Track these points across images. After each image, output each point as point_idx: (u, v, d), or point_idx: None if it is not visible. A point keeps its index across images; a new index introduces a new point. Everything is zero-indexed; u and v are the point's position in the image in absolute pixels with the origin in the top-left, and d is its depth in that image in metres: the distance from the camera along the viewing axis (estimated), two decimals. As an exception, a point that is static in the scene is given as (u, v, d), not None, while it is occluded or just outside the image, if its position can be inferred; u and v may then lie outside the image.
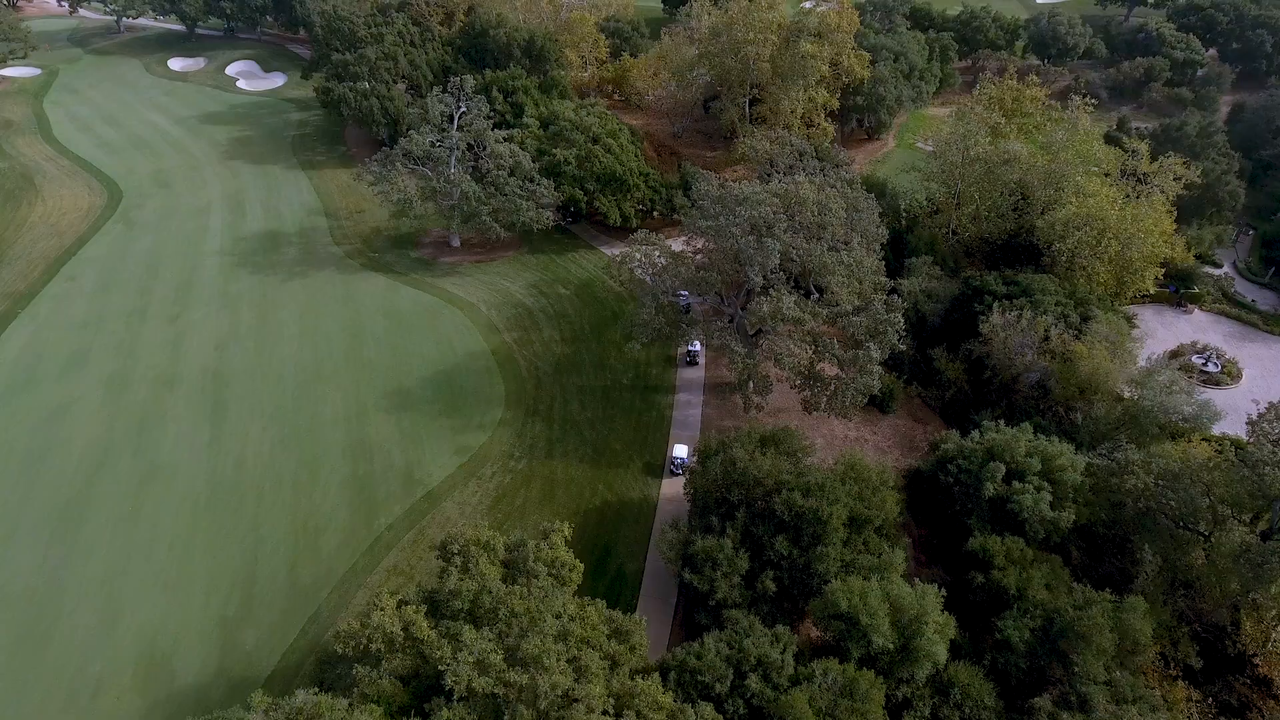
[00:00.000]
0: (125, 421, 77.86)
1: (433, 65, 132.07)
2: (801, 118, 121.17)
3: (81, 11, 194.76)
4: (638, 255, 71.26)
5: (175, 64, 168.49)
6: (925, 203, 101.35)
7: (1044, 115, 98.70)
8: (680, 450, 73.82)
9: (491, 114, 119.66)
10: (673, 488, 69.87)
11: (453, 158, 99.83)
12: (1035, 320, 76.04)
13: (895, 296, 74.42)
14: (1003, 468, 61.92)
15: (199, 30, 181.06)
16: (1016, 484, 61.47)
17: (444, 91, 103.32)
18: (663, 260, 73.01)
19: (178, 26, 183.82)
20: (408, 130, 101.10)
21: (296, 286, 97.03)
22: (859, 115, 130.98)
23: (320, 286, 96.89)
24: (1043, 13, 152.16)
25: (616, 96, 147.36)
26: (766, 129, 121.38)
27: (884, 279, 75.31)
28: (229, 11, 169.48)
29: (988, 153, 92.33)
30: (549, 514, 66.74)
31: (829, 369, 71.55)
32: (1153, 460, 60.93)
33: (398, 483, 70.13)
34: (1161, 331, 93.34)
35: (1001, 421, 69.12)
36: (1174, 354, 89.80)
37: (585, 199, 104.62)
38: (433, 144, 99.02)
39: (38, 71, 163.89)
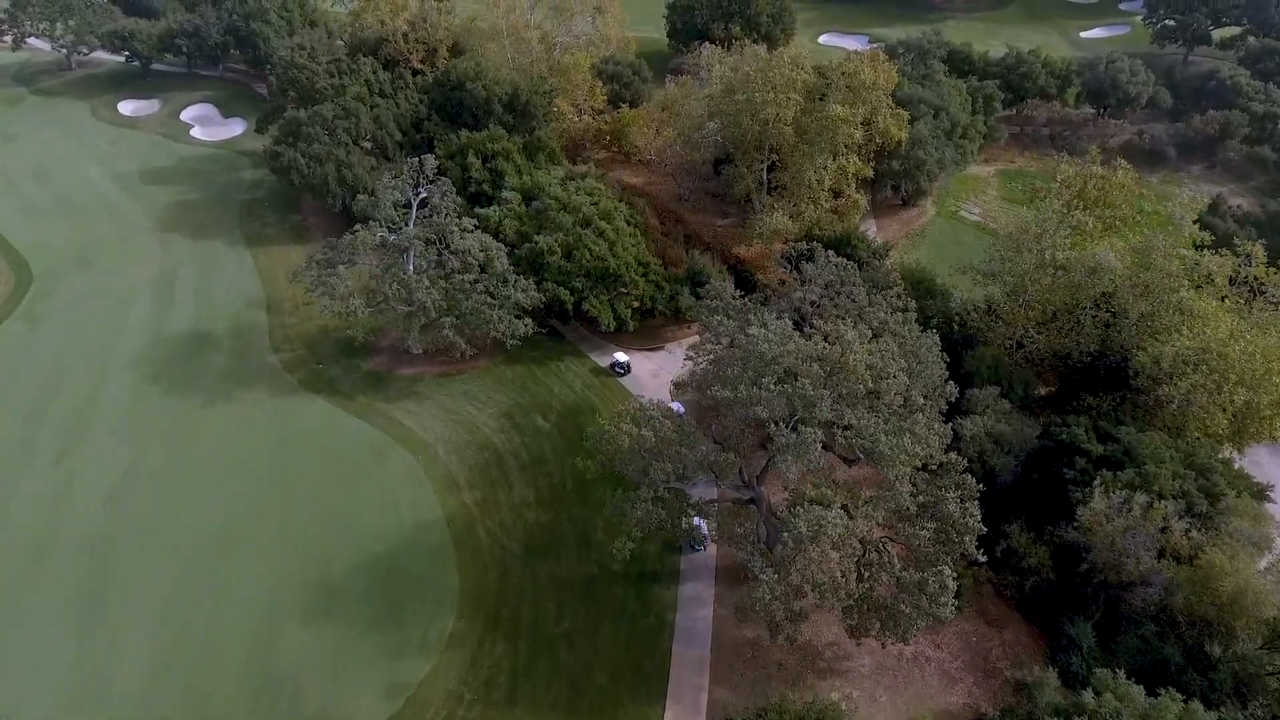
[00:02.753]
0: (-28, 623, 60.48)
1: (402, 121, 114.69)
2: (828, 188, 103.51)
3: (33, 42, 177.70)
4: (624, 440, 53.24)
5: (125, 107, 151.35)
6: (984, 307, 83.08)
7: (1133, 207, 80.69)
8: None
9: (466, 182, 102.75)
10: (675, 751, 52.03)
11: (409, 255, 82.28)
12: (1151, 509, 58.00)
13: (968, 477, 56.71)
14: (1142, 776, 44.12)
15: (156, 67, 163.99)
16: (1161, 799, 43.69)
17: (395, 177, 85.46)
18: (664, 430, 55.09)
19: (134, 62, 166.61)
20: (354, 227, 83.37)
21: (218, 413, 79.48)
22: (894, 181, 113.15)
23: (247, 413, 79.33)
24: (1100, 57, 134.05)
25: (615, 149, 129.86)
26: (787, 202, 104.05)
27: (957, 457, 57.20)
28: (186, 49, 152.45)
29: (1069, 258, 74.35)
30: (505, 806, 49.02)
31: (885, 584, 53.61)
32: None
33: (306, 745, 52.50)
34: (1282, 479, 75.19)
35: (1118, 674, 51.13)
36: (1305, 516, 71.71)
37: (572, 299, 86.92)
38: (384, 238, 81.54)
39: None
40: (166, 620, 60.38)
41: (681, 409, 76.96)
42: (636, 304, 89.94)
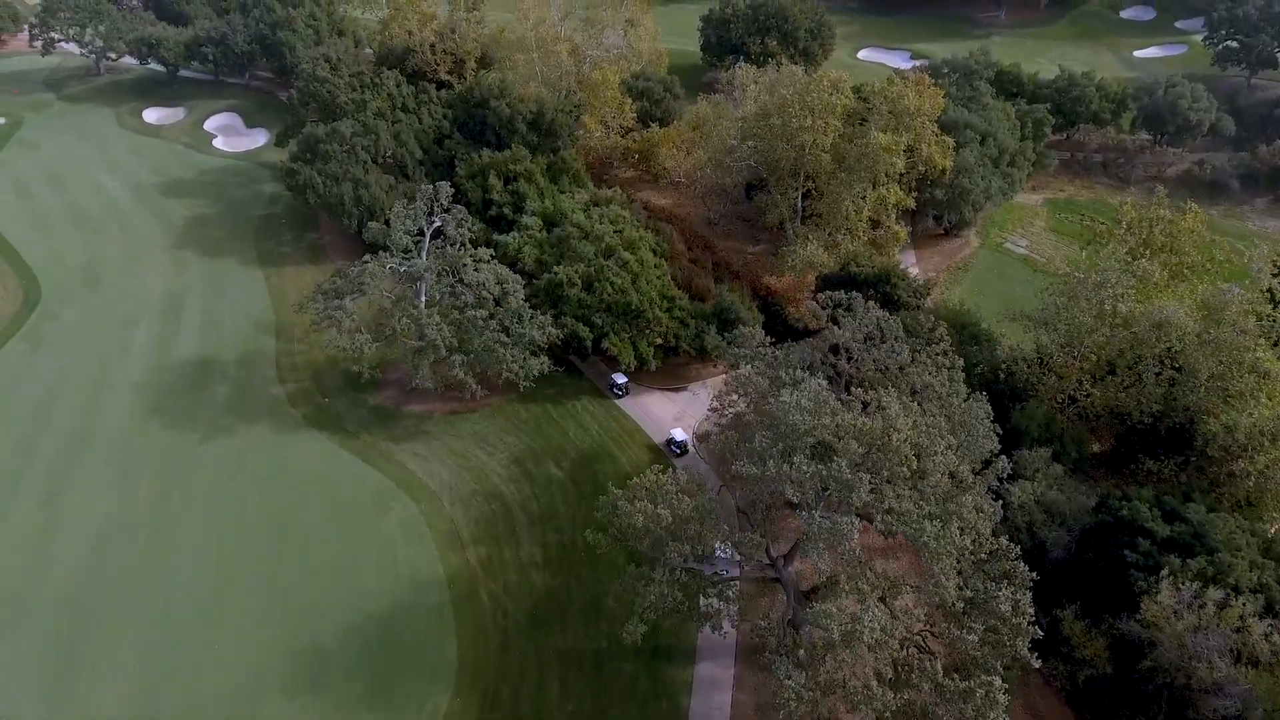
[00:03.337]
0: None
1: (423, 138, 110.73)
2: (866, 218, 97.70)
3: (65, 46, 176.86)
4: (639, 519, 48.15)
5: (150, 115, 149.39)
6: (1034, 357, 76.80)
7: (1204, 254, 74.07)
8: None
9: (486, 204, 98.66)
10: None
11: (421, 288, 78.06)
12: (1226, 608, 51.76)
13: (1021, 566, 51.00)
14: None
15: (184, 74, 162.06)
16: None
17: (408, 205, 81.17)
18: (682, 507, 49.94)
19: (161, 68, 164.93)
20: (365, 257, 79.31)
21: (217, 450, 75.73)
22: (937, 211, 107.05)
23: (246, 451, 75.48)
24: (1158, 81, 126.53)
25: (643, 168, 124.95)
26: (822, 232, 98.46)
27: (1008, 544, 51.42)
28: (212, 58, 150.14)
29: (1131, 312, 68.11)
30: None
31: (925, 691, 47.98)
32: None
33: (280, 842, 48.12)
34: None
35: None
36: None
37: (591, 336, 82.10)
38: (394, 269, 77.41)
39: (1, 121, 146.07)
40: (143, 685, 56.49)
41: (684, 436, 75.65)
42: (660, 341, 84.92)
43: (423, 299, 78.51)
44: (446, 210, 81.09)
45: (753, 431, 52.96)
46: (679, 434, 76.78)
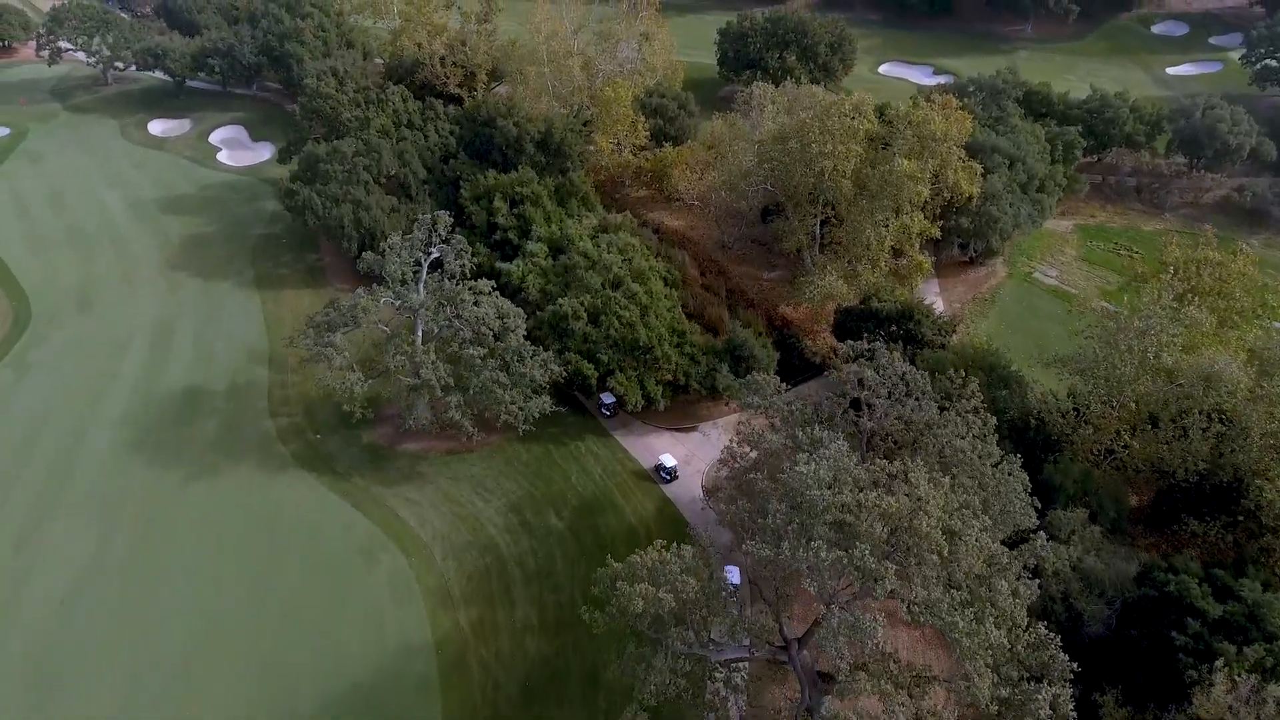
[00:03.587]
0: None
1: (428, 156, 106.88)
2: (889, 247, 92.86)
3: (74, 55, 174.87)
4: (638, 603, 43.67)
5: (155, 127, 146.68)
6: (1069, 407, 71.64)
7: (1255, 299, 68.84)
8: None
9: (491, 228, 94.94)
10: None
11: (417, 322, 74.06)
12: (1291, 704, 46.75)
13: (1061, 657, 46.17)
14: None
15: (192, 84, 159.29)
16: None
17: (405, 235, 77.23)
18: (686, 590, 45.41)
19: (169, 78, 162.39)
20: (359, 290, 75.37)
21: (200, 491, 71.96)
22: (963, 239, 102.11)
23: (231, 493, 71.66)
24: (1195, 103, 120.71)
25: (656, 188, 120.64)
26: (841, 261, 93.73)
27: (1046, 633, 46.60)
28: (219, 69, 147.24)
29: (1177, 364, 63.02)
30: None
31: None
32: None
33: None
34: None
35: None
36: None
37: (596, 374, 77.84)
38: (389, 302, 73.51)
39: (5, 131, 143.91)
40: (108, 759, 52.65)
41: (673, 462, 74.30)
42: (669, 378, 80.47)
43: (419, 334, 74.51)
44: (446, 240, 77.05)
45: (766, 500, 48.46)
46: (668, 460, 74.14)
